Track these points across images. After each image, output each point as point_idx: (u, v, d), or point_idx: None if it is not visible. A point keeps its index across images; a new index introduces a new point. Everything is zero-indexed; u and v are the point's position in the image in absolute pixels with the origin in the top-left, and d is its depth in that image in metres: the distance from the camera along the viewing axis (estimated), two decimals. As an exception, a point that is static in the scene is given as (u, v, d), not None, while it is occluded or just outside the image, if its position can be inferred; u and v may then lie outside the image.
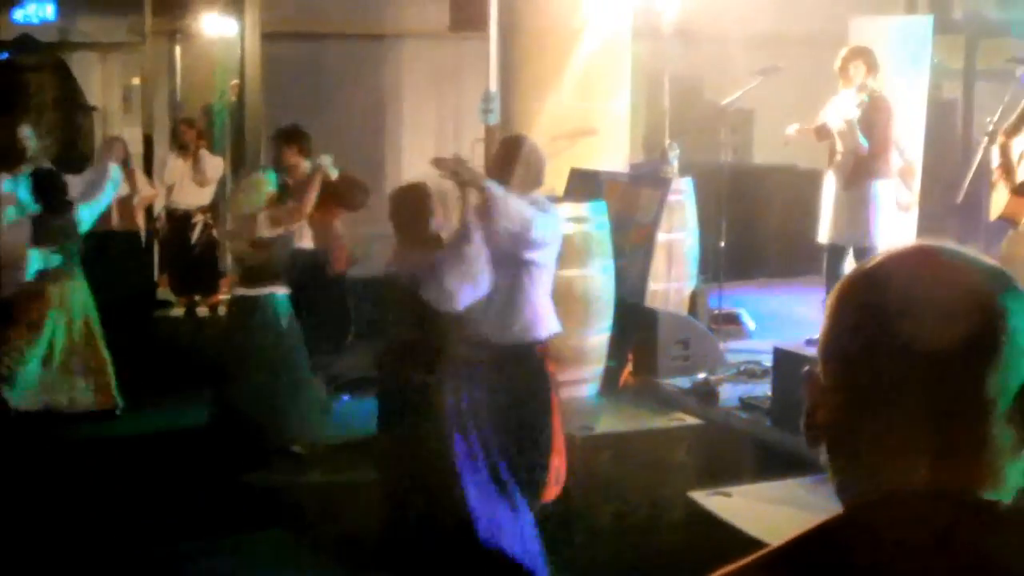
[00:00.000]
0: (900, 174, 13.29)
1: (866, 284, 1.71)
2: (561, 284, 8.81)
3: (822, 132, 10.71)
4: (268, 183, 9.57)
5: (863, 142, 10.38)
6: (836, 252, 10.85)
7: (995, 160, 9.23)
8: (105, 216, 12.13)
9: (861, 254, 10.70)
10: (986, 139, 9.12)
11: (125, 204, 13.26)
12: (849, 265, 10.84)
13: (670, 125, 11.59)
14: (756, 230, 14.37)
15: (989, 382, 1.63)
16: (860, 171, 10.53)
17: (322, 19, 14.10)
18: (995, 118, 9.16)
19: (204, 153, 13.79)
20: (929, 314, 1.63)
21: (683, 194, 11.06)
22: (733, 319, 11.35)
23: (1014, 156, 9.09)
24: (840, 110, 10.43)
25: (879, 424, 1.66)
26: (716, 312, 11.20)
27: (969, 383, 1.63)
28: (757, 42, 14.48)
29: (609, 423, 8.66)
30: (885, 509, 1.65)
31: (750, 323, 11.36)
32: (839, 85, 10.67)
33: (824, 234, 10.84)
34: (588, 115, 11.21)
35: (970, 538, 1.62)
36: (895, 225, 11.03)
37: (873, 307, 1.67)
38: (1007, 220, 9.21)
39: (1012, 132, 9.17)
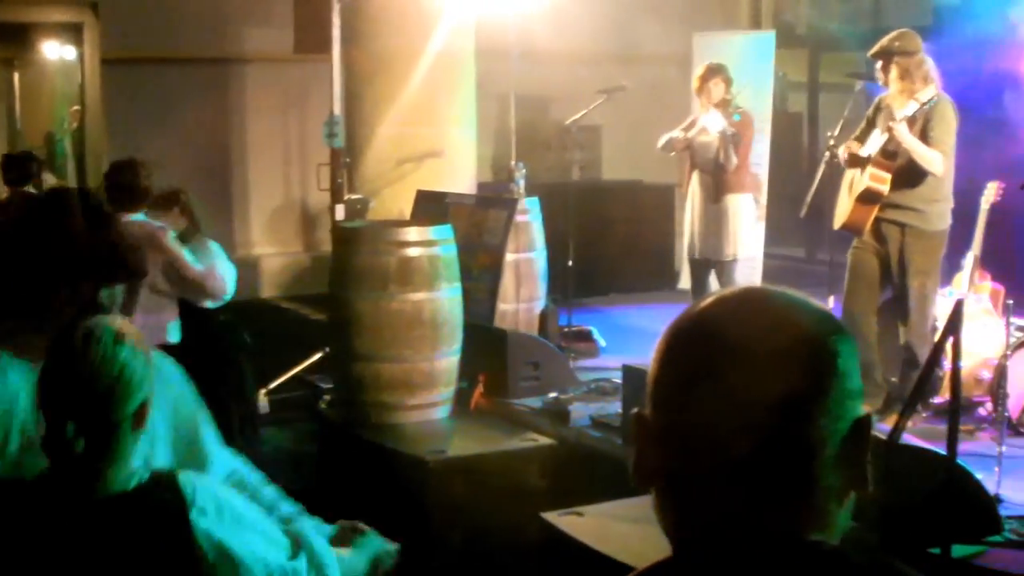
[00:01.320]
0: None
1: (694, 329, 1.71)
2: (409, 308, 8.78)
3: (684, 142, 10.85)
4: None
5: (734, 157, 10.56)
6: (700, 266, 10.98)
7: (844, 167, 9.32)
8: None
9: (723, 267, 10.86)
10: (828, 153, 9.22)
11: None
12: (714, 278, 11.02)
13: (517, 144, 11.59)
14: (605, 246, 14.43)
15: (818, 426, 1.64)
16: (725, 185, 10.68)
17: (164, 44, 13.93)
18: (835, 132, 9.26)
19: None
20: (757, 359, 1.63)
21: (530, 214, 11.07)
22: (584, 337, 11.38)
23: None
24: (710, 126, 10.56)
25: (708, 468, 1.65)
26: (567, 331, 11.22)
27: (798, 427, 1.63)
28: (602, 60, 14.56)
29: (461, 446, 8.61)
30: (714, 552, 1.65)
31: (601, 340, 11.39)
32: (698, 103, 10.80)
33: (689, 247, 11.00)
34: (434, 137, 11.20)
35: None
36: (753, 237, 11.20)
37: (701, 353, 1.67)
38: (851, 229, 9.32)
39: (858, 143, 9.28)
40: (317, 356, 10.26)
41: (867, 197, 9.13)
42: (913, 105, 8.91)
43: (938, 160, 8.86)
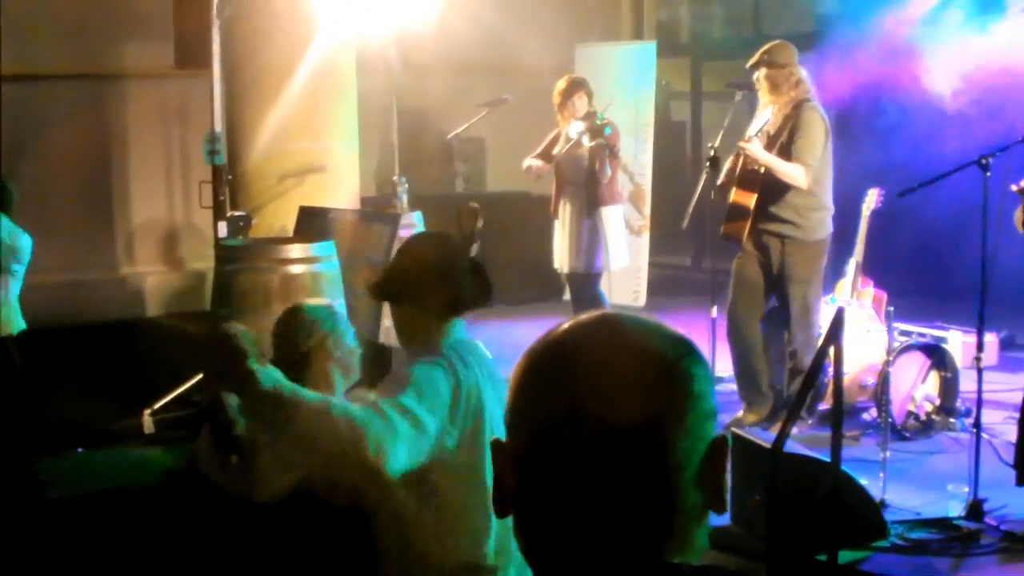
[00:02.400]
0: (631, 198, 13.56)
1: (550, 355, 1.71)
2: (293, 325, 8.70)
3: (551, 160, 10.87)
4: None
5: (608, 169, 10.57)
6: (576, 279, 11.00)
7: (721, 178, 9.40)
8: None
9: (596, 280, 10.88)
10: (708, 164, 9.27)
11: None
12: (605, 286, 11.06)
13: (400, 158, 11.55)
14: (491, 259, 14.41)
15: (676, 448, 1.64)
16: (598, 198, 10.69)
17: (41, 61, 13.69)
18: (716, 142, 9.31)
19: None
20: (613, 384, 1.63)
21: (414, 228, 11.03)
22: (471, 350, 11.33)
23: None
24: (585, 138, 10.53)
25: (567, 492, 1.65)
26: (453, 344, 11.16)
27: (656, 450, 1.63)
28: (485, 72, 14.56)
29: (348, 463, 8.54)
30: (574, 574, 1.64)
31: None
32: (560, 118, 10.78)
33: (560, 262, 11.01)
34: (316, 152, 11.13)
35: None
36: (626, 249, 11.23)
37: (557, 378, 1.66)
38: (730, 239, 9.39)
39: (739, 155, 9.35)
40: (202, 375, 10.15)
41: (735, 212, 9.25)
42: (762, 119, 9.06)
43: (800, 173, 8.94)
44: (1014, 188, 7.42)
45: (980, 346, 7.54)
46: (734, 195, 9.26)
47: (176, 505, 7.14)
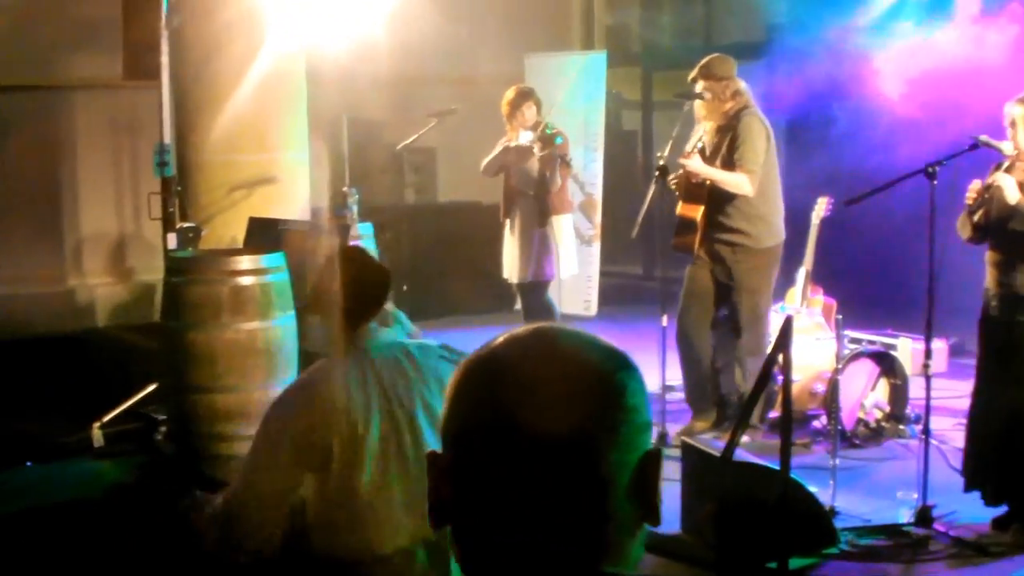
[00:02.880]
0: (582, 207, 13.57)
1: (485, 368, 1.71)
2: (243, 337, 8.66)
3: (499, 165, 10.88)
4: None
5: (559, 178, 10.58)
6: (525, 288, 10.99)
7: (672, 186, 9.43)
8: None
9: (544, 288, 10.88)
10: (657, 173, 9.29)
11: None
12: (556, 296, 11.08)
13: (351, 169, 11.52)
14: (443, 269, 14.42)
15: (609, 461, 1.65)
16: (549, 207, 10.69)
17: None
18: (665, 152, 9.32)
19: None
20: (546, 397, 1.64)
21: (364, 239, 11.00)
22: (423, 361, 11.29)
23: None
24: (536, 147, 10.53)
25: (500, 505, 1.65)
26: (405, 355, 11.13)
27: (589, 463, 1.64)
28: (436, 82, 14.55)
29: (298, 475, 8.51)
30: None
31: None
32: (509, 128, 10.77)
33: (509, 272, 11.01)
34: (266, 163, 11.08)
35: None
36: (576, 258, 11.24)
37: (491, 391, 1.67)
38: (681, 251, 9.42)
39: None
40: (151, 387, 10.10)
41: (683, 226, 9.30)
42: (697, 134, 9.18)
43: (744, 181, 9.00)
44: (969, 200, 7.47)
45: (928, 353, 7.58)
46: (681, 208, 9.31)
47: (125, 518, 7.11)
